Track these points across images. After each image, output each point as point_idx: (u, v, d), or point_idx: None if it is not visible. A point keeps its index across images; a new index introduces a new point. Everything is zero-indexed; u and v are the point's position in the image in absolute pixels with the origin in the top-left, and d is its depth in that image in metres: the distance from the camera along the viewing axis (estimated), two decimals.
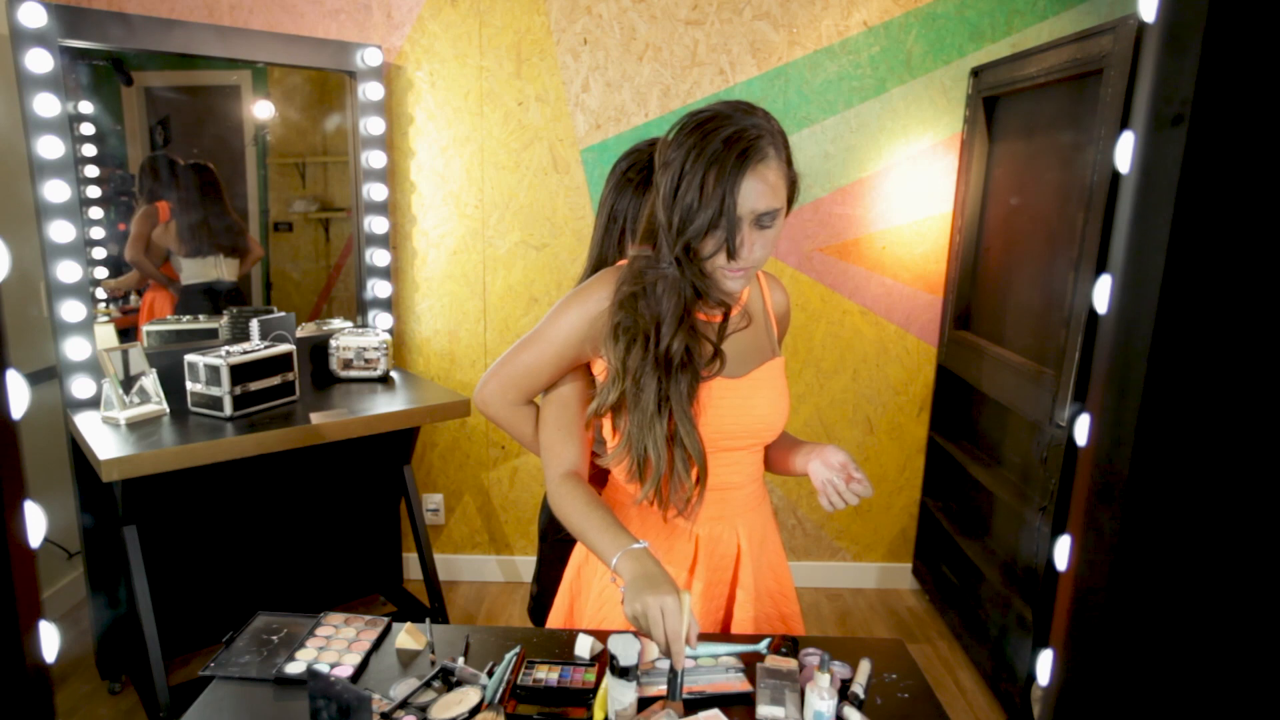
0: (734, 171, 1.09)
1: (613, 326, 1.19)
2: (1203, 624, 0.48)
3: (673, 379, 1.17)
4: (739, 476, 1.29)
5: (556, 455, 1.27)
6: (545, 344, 1.26)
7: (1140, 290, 0.44)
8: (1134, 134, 0.45)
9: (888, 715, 1.13)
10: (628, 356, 1.18)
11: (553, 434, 1.28)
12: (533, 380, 1.28)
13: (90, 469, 2.08)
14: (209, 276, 2.72)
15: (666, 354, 1.17)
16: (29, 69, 2.07)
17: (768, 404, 1.27)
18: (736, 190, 1.10)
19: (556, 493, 1.24)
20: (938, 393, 3.00)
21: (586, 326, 1.23)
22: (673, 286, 1.17)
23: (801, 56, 2.80)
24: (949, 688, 2.58)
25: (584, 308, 1.23)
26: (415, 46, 2.80)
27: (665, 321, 1.17)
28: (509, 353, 1.29)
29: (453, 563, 3.19)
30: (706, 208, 1.10)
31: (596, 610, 1.32)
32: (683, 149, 1.12)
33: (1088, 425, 0.49)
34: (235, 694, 1.16)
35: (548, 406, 1.30)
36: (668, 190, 1.13)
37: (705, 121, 1.13)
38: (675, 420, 1.18)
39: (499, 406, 1.31)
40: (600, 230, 1.48)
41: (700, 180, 1.10)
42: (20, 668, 0.44)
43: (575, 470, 1.26)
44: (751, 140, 1.10)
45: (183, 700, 1.50)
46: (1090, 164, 1.95)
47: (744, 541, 1.30)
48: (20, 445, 0.45)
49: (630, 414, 1.19)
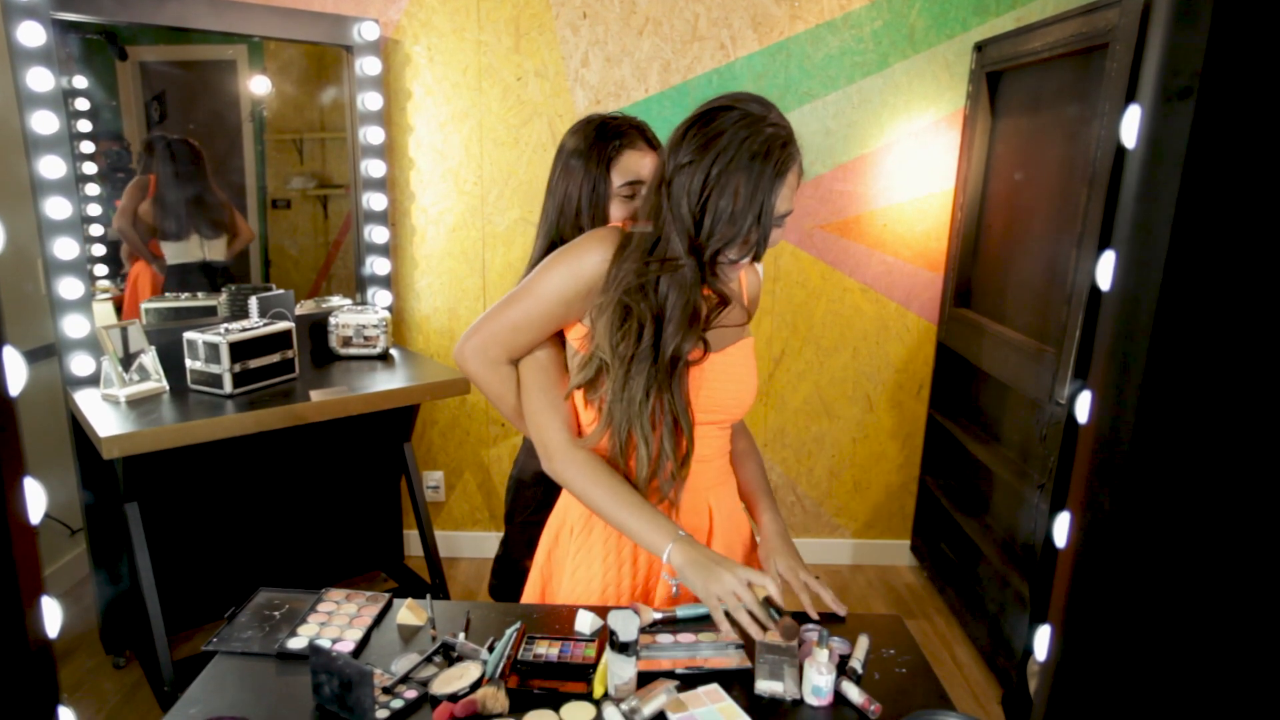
0: (774, 178, 1.10)
1: (610, 311, 1.17)
2: (1201, 601, 0.48)
3: (673, 371, 1.18)
4: (709, 450, 1.29)
5: (551, 422, 1.25)
6: (534, 300, 1.22)
7: (1144, 267, 0.44)
8: (1140, 107, 0.44)
9: (886, 690, 1.14)
10: (621, 343, 1.17)
11: (539, 400, 1.26)
12: (517, 337, 1.25)
13: (91, 446, 2.08)
14: (192, 256, 2.69)
15: (673, 355, 1.16)
16: (21, 42, 2.05)
17: (738, 381, 1.28)
18: (775, 196, 1.11)
19: (568, 462, 1.22)
20: (938, 370, 3.00)
21: (580, 286, 1.20)
22: (680, 283, 1.15)
23: (803, 31, 2.77)
24: (946, 663, 2.61)
25: (578, 266, 1.20)
26: (413, 20, 2.77)
27: (672, 320, 1.16)
28: (494, 308, 1.26)
29: (453, 539, 3.20)
30: (745, 214, 1.10)
31: (570, 590, 1.32)
32: (711, 150, 1.10)
33: (1089, 402, 0.49)
34: (238, 669, 1.17)
35: (529, 373, 1.27)
36: (693, 192, 1.12)
37: (738, 121, 1.11)
38: (666, 406, 1.18)
39: (480, 364, 1.27)
40: (552, 215, 1.41)
41: (736, 185, 1.09)
42: (23, 643, 0.44)
43: (575, 437, 1.25)
44: (783, 146, 1.11)
45: (187, 675, 1.52)
46: (1094, 139, 1.94)
47: (716, 514, 1.32)
48: (19, 422, 0.45)
49: (615, 398, 1.18)
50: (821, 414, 3.09)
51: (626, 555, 1.30)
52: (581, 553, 1.31)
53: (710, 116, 1.13)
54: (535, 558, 1.41)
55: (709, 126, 1.12)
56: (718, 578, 1.11)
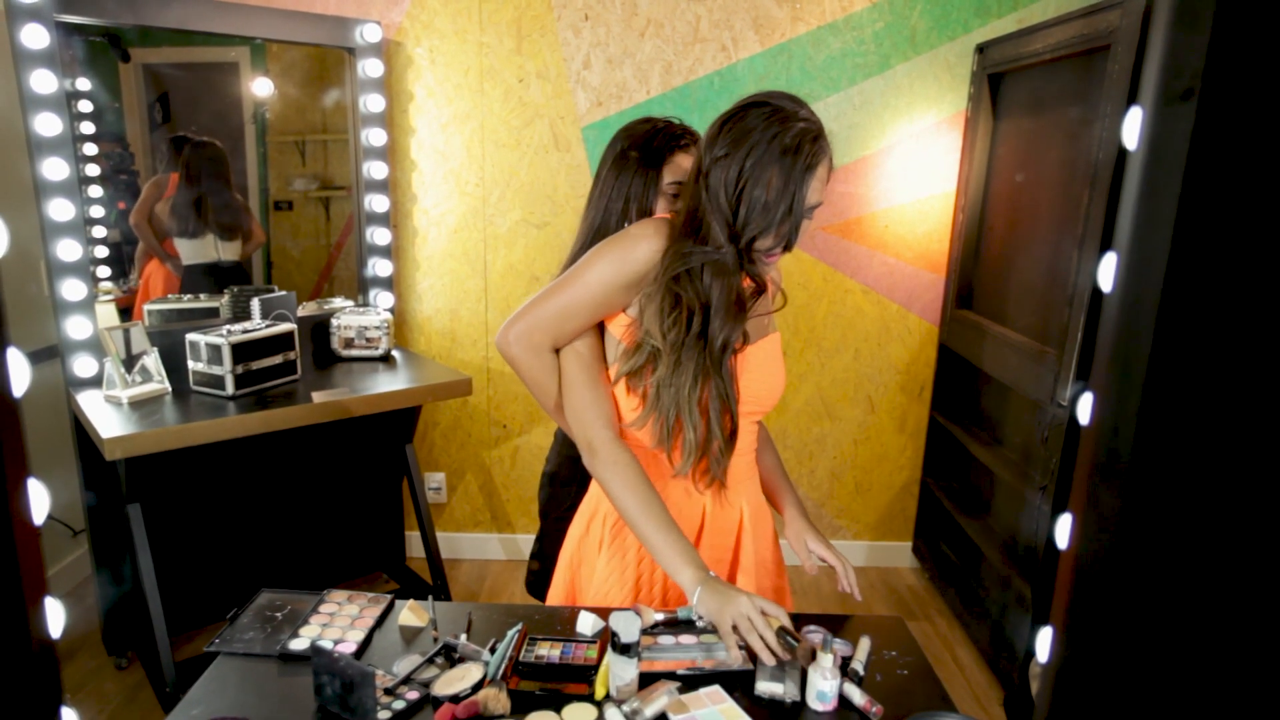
0: (804, 171, 1.13)
1: (660, 297, 1.19)
2: (1203, 603, 0.48)
3: (720, 358, 1.20)
4: (743, 444, 1.31)
5: (596, 420, 1.24)
6: (582, 288, 1.23)
7: (1146, 268, 0.44)
8: (1142, 109, 0.44)
9: (887, 692, 1.14)
10: (671, 330, 1.19)
11: (582, 395, 1.25)
12: (563, 323, 1.25)
13: (93, 447, 2.08)
14: (208, 257, 2.71)
15: (723, 344, 1.19)
16: (25, 45, 2.05)
17: (770, 374, 1.30)
18: (805, 188, 1.14)
19: (610, 463, 1.22)
20: (939, 372, 3.00)
21: (629, 274, 1.22)
22: (720, 271, 1.18)
23: (805, 32, 2.77)
24: (948, 665, 2.60)
25: (629, 255, 1.22)
26: (415, 22, 2.77)
27: (717, 309, 1.19)
28: (538, 296, 1.26)
29: (455, 541, 3.20)
30: (777, 205, 1.14)
31: (601, 584, 1.32)
32: (745, 144, 1.14)
33: (1090, 404, 0.49)
34: (240, 670, 1.17)
35: (572, 365, 1.27)
36: (729, 183, 1.15)
37: (770, 116, 1.14)
38: (716, 390, 1.20)
39: (523, 349, 1.26)
40: (599, 208, 1.47)
41: (769, 178, 1.13)
42: (26, 643, 0.45)
43: (618, 433, 1.25)
44: (815, 138, 1.14)
45: (189, 676, 1.52)
46: (1096, 141, 1.94)
47: (746, 509, 1.33)
48: (22, 423, 0.45)
49: (665, 384, 1.20)
50: (823, 415, 3.09)
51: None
52: (617, 543, 1.32)
53: (744, 112, 1.16)
54: (564, 546, 1.41)
55: (743, 121, 1.15)
56: (733, 601, 1.11)
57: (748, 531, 1.33)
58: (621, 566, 1.31)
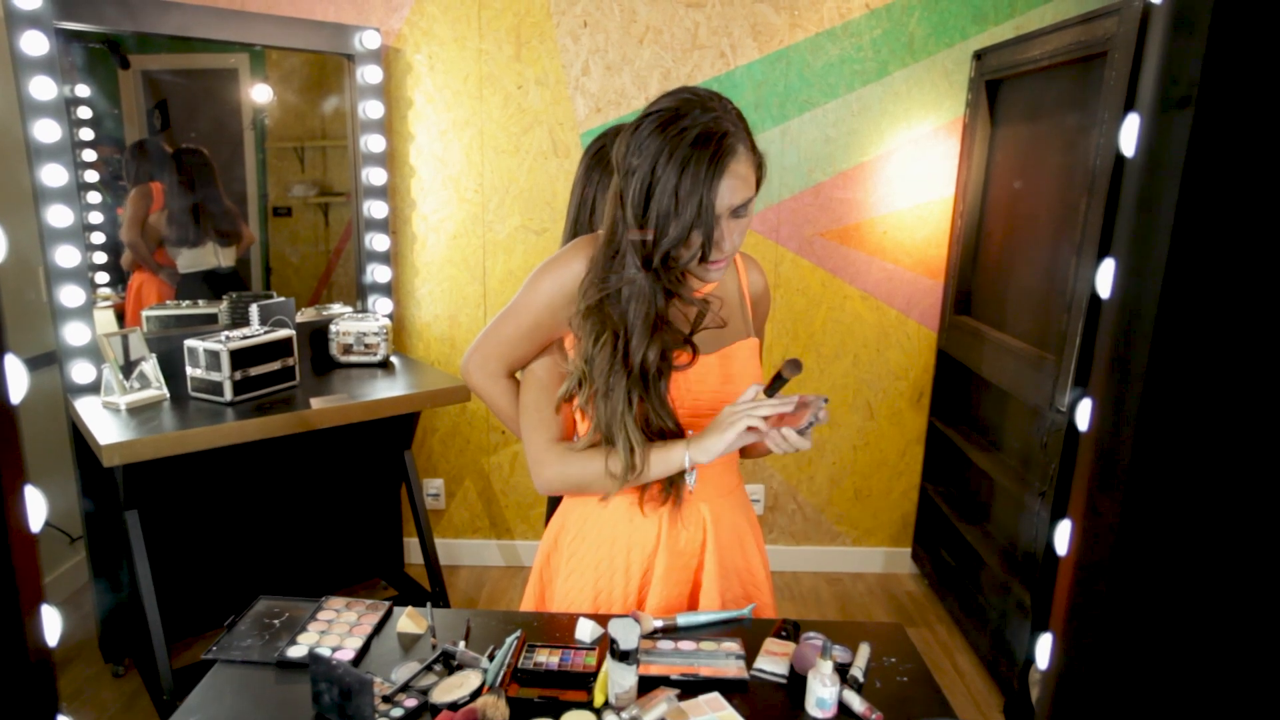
0: (709, 176, 1.06)
1: (583, 320, 1.18)
2: (1203, 610, 0.48)
3: (648, 381, 1.18)
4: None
5: (535, 438, 1.27)
6: (521, 315, 1.24)
7: (1144, 274, 0.44)
8: (1139, 116, 0.44)
9: (887, 698, 1.14)
10: (598, 355, 1.17)
11: (531, 415, 1.27)
12: (511, 350, 1.27)
13: (91, 454, 2.08)
14: (207, 264, 2.71)
15: (642, 365, 1.16)
16: (24, 51, 2.06)
17: (735, 383, 1.25)
18: (714, 193, 1.07)
19: (555, 460, 1.24)
20: (938, 378, 3.00)
21: (561, 297, 1.21)
22: (640, 294, 1.15)
23: (803, 39, 2.78)
24: (948, 671, 2.60)
25: (558, 278, 1.21)
26: (414, 29, 2.78)
27: (635, 332, 1.16)
28: (490, 324, 1.29)
29: (453, 547, 3.20)
30: (683, 215, 1.07)
31: (564, 596, 1.33)
32: (647, 154, 1.08)
33: (1089, 410, 0.49)
34: (238, 677, 1.17)
35: (524, 389, 1.29)
36: (636, 198, 1.10)
37: (667, 123, 1.07)
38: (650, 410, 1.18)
39: (480, 378, 1.31)
40: (572, 214, 1.48)
41: (674, 187, 1.06)
42: (23, 651, 0.44)
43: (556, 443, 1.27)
44: (720, 139, 1.07)
45: (186, 683, 1.51)
46: (1094, 148, 1.94)
47: (709, 520, 1.29)
48: (20, 430, 0.45)
49: (598, 407, 1.19)
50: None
51: (619, 563, 1.29)
52: (574, 559, 1.32)
53: (643, 121, 1.11)
54: (534, 562, 1.41)
55: (642, 132, 1.10)
56: (718, 423, 1.15)
57: (710, 543, 1.29)
58: (580, 584, 1.31)
